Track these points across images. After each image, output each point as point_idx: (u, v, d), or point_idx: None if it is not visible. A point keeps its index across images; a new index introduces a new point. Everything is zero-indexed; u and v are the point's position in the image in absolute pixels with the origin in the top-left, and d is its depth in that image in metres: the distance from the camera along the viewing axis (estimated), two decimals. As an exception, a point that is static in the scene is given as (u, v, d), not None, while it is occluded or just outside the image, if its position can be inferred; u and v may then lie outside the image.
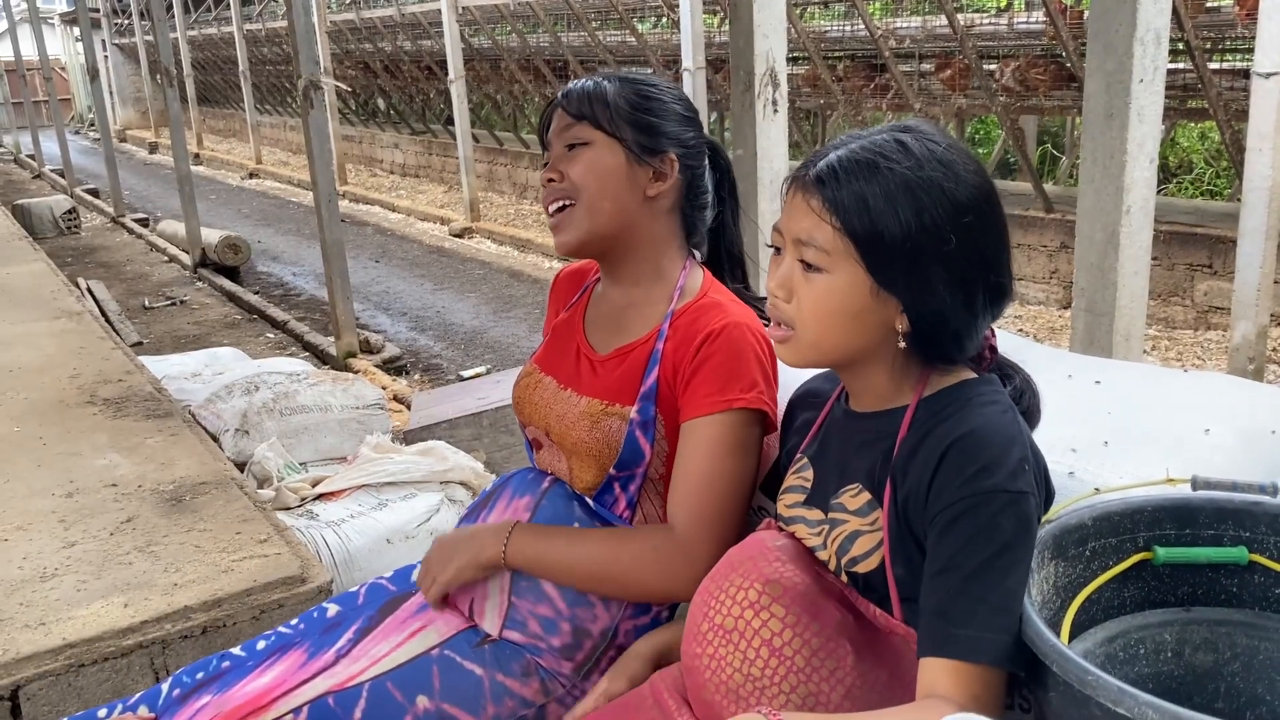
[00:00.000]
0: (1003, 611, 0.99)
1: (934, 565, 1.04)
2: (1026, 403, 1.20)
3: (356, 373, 5.39)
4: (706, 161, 1.51)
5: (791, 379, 1.40)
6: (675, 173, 1.45)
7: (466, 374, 6.11)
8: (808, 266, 1.10)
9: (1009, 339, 1.64)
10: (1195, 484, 1.14)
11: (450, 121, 12.82)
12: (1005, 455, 1.03)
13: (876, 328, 1.11)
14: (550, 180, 1.45)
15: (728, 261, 1.58)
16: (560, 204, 1.44)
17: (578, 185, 1.42)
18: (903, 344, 1.11)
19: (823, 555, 1.18)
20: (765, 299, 1.18)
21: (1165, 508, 1.11)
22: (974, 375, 1.16)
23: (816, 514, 1.20)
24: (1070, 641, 1.05)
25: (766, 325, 1.24)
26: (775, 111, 3.09)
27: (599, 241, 1.45)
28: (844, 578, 1.15)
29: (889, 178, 1.07)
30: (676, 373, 1.39)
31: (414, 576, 1.52)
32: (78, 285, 6.91)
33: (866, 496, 1.14)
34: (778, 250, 1.16)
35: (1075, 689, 0.86)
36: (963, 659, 0.99)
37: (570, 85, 1.47)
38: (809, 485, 1.23)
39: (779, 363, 1.33)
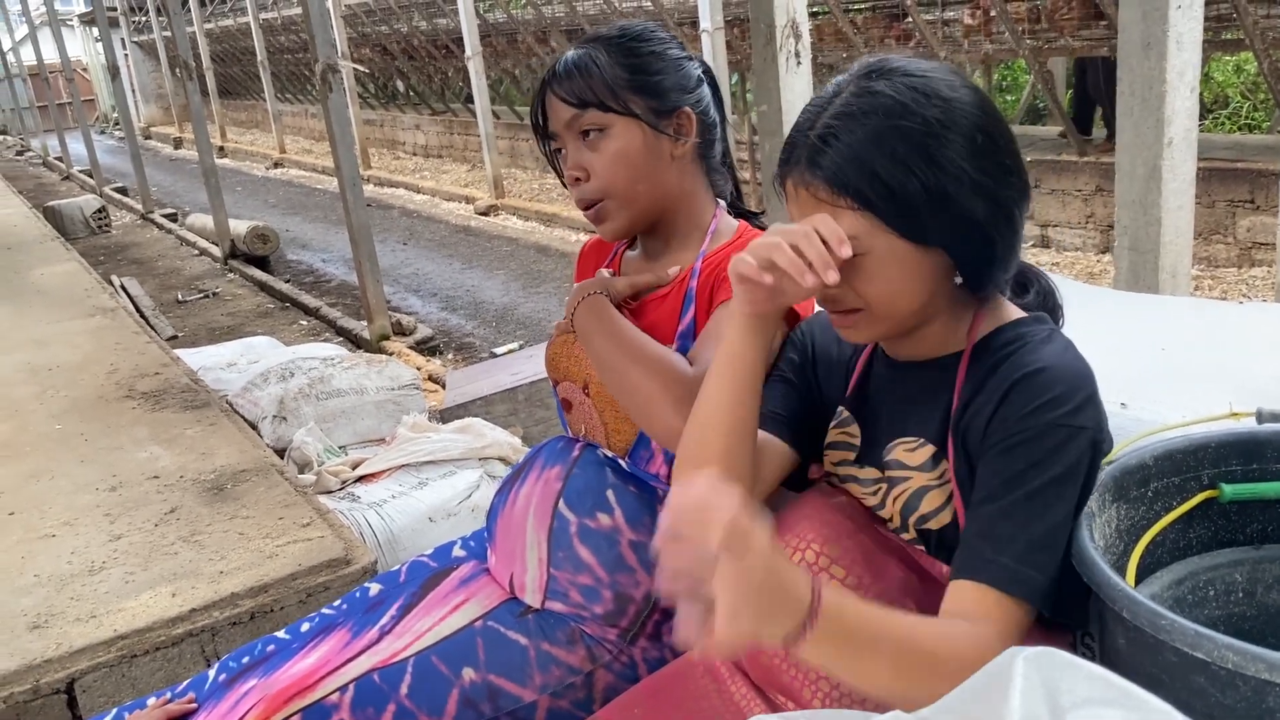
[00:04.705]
0: (1042, 547, 0.95)
1: (980, 492, 1.00)
2: (1050, 303, 1.17)
3: (390, 355, 5.40)
4: (707, 90, 1.43)
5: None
6: (694, 128, 1.40)
7: (499, 351, 6.10)
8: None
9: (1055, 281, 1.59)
10: (1261, 417, 1.10)
11: (470, 99, 12.78)
12: (1072, 392, 0.99)
13: (935, 279, 1.05)
14: (577, 179, 1.38)
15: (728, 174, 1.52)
16: (595, 203, 1.39)
17: (607, 181, 1.36)
18: (959, 279, 1.06)
19: (883, 514, 1.13)
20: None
21: (1230, 443, 1.06)
22: (1022, 314, 1.11)
23: (871, 473, 1.15)
24: (1136, 586, 1.01)
25: None
26: (799, 64, 3.02)
27: (642, 222, 1.42)
28: (911, 534, 1.11)
29: (884, 136, 0.99)
30: (714, 289, 1.36)
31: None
32: (111, 283, 6.97)
33: (930, 449, 1.09)
34: None
35: (1147, 634, 0.82)
36: (994, 586, 0.95)
37: (556, 66, 1.37)
38: (857, 442, 1.18)
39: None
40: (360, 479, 2.89)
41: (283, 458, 3.01)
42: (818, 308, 1.20)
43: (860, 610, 0.89)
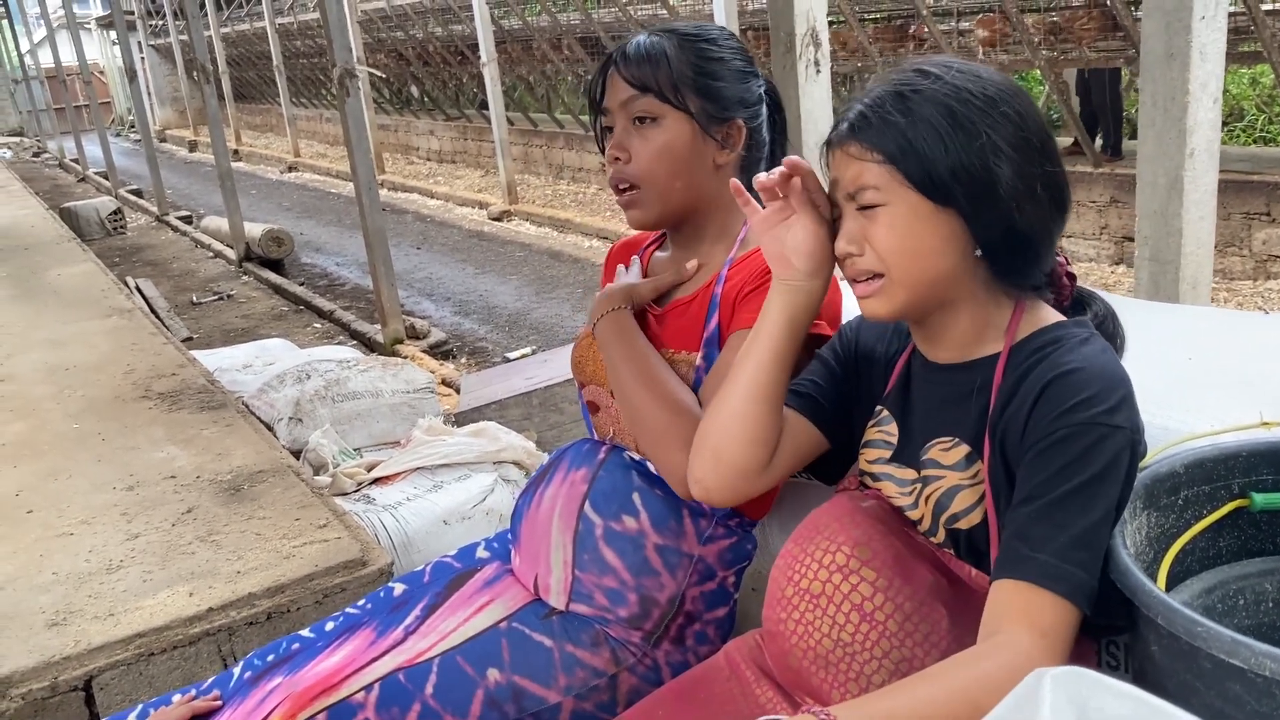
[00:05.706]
0: (1081, 545, 0.95)
1: (1019, 494, 1.00)
2: (1110, 328, 1.16)
3: (404, 358, 5.41)
4: (765, 110, 1.46)
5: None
6: (742, 141, 1.41)
7: (513, 355, 6.11)
8: (868, 210, 1.06)
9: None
10: (1291, 426, 1.09)
11: (484, 105, 12.82)
12: (1108, 391, 0.99)
13: (952, 246, 1.06)
14: (617, 158, 1.40)
15: None
16: (630, 186, 1.41)
17: (646, 169, 1.38)
18: (979, 252, 1.06)
19: (914, 515, 1.14)
20: None
21: (1261, 452, 1.06)
22: (1062, 319, 1.11)
23: (908, 473, 1.15)
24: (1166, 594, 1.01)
25: None
26: (818, 72, 3.03)
27: (670, 218, 1.44)
28: (940, 535, 1.11)
29: (918, 99, 1.05)
30: (735, 305, 1.36)
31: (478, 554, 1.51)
32: (127, 284, 7.00)
33: (965, 449, 1.09)
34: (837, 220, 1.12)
35: (1183, 641, 0.81)
36: (1034, 582, 0.94)
37: (627, 45, 1.40)
38: (894, 441, 1.18)
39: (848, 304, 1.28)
40: (375, 481, 2.90)
41: (299, 459, 3.02)
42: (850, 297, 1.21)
43: (883, 707, 0.90)
